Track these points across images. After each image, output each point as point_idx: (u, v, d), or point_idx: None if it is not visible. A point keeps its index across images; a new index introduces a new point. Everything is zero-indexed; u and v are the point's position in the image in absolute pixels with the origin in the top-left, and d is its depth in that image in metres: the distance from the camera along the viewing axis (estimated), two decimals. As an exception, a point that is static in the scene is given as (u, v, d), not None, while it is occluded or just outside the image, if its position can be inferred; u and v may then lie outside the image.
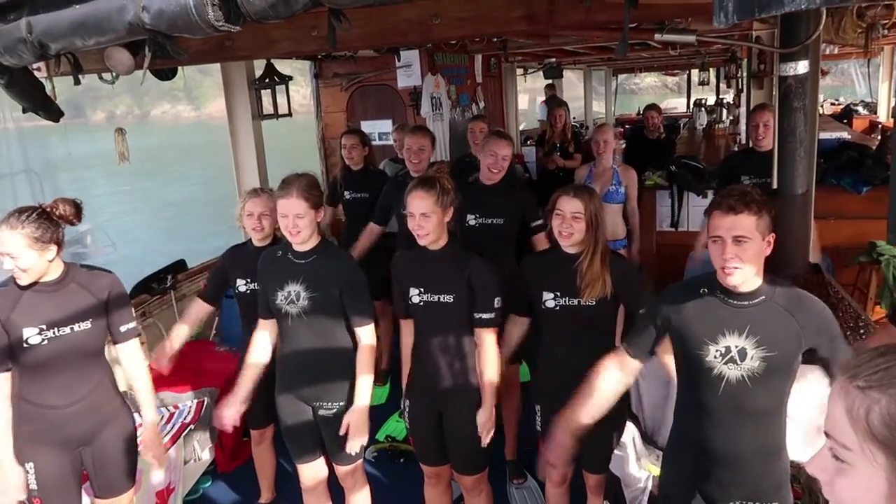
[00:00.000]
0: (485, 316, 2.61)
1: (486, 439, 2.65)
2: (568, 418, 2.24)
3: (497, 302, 2.62)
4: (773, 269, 3.33)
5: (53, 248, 2.40)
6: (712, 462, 2.06)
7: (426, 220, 2.57)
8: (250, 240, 3.24)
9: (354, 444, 2.69)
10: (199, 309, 3.33)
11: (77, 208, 2.48)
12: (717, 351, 1.97)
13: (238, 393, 2.81)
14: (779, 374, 1.97)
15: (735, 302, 1.97)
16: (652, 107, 7.36)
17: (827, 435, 0.86)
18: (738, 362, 1.95)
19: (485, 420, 2.65)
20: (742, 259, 1.88)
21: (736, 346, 1.95)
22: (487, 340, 2.63)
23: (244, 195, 3.25)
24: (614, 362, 2.22)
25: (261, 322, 2.87)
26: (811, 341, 1.95)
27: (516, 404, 3.62)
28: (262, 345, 2.87)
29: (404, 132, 4.60)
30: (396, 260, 2.87)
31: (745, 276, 1.92)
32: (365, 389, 2.66)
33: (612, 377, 2.22)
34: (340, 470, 2.90)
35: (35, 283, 2.41)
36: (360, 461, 2.94)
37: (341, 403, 2.76)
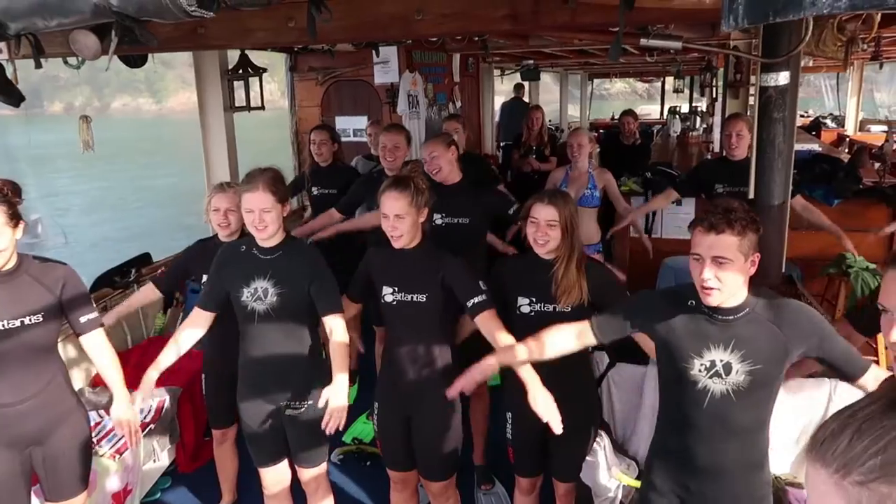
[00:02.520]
0: (477, 300, 2.49)
1: (552, 420, 2.24)
2: (503, 353, 2.24)
3: (482, 284, 2.53)
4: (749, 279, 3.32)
5: (21, 224, 2.36)
6: (695, 474, 2.05)
7: (401, 221, 2.51)
8: (216, 235, 3.14)
9: (332, 423, 2.43)
10: (148, 292, 3.28)
11: (17, 188, 2.46)
12: (701, 365, 1.95)
13: (145, 383, 2.59)
14: (763, 388, 1.95)
15: (720, 317, 1.94)
16: (628, 112, 7.37)
17: None
18: (724, 376, 1.93)
19: (542, 399, 2.26)
20: (721, 279, 1.84)
21: (721, 361, 1.93)
22: (493, 323, 2.46)
23: (211, 190, 3.16)
24: (574, 328, 2.18)
25: (196, 312, 2.73)
26: (800, 348, 1.92)
27: (485, 408, 3.58)
28: (187, 338, 2.72)
29: (379, 128, 4.53)
30: (372, 254, 2.80)
31: (723, 297, 1.88)
32: (342, 387, 2.51)
33: (565, 338, 2.18)
34: (304, 473, 2.82)
35: None
36: (325, 465, 2.86)
37: (309, 402, 2.69)
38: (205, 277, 3.05)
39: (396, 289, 2.61)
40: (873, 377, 1.93)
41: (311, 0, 1.53)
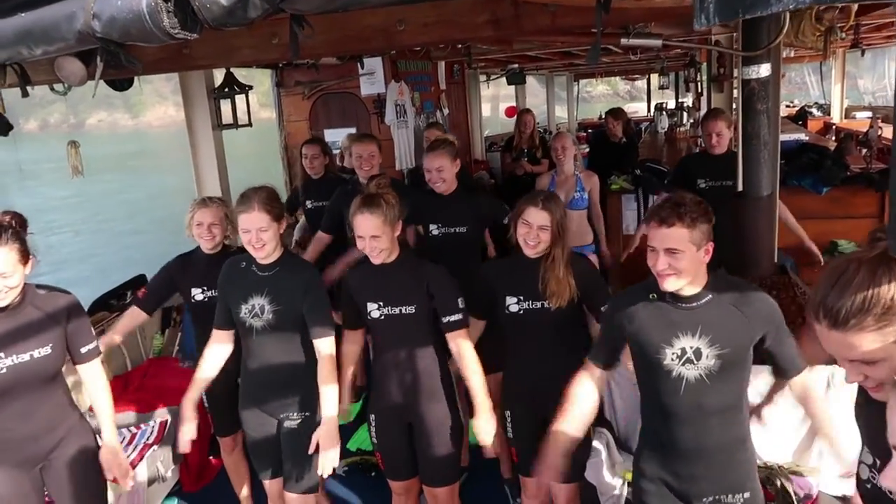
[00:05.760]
0: (453, 318, 2.57)
1: (489, 448, 2.64)
2: (555, 437, 2.23)
3: (461, 302, 2.59)
4: (741, 271, 3.35)
5: (31, 260, 2.34)
6: (682, 459, 2.10)
7: (377, 240, 2.52)
8: (198, 247, 3.11)
9: (326, 463, 2.54)
10: (135, 317, 3.18)
11: (23, 221, 2.46)
12: (673, 353, 2.02)
13: (186, 409, 2.73)
14: (735, 369, 2.03)
15: (684, 305, 2.01)
16: (610, 112, 7.44)
17: None
18: (695, 362, 2.00)
19: (485, 426, 2.60)
20: (675, 268, 1.93)
21: (691, 347, 2.00)
22: (463, 343, 2.58)
23: (193, 205, 3.12)
24: (586, 375, 2.24)
25: (215, 333, 2.77)
26: (760, 330, 2.01)
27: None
28: (214, 358, 2.77)
29: (350, 140, 4.58)
30: (350, 276, 2.81)
31: (679, 283, 1.97)
32: (331, 401, 2.58)
33: (588, 390, 2.24)
34: (290, 498, 2.78)
35: None
36: (313, 499, 2.82)
37: (307, 414, 2.72)
38: (194, 291, 3.06)
39: (382, 303, 2.62)
40: (801, 381, 2.09)
41: (293, 16, 1.54)
